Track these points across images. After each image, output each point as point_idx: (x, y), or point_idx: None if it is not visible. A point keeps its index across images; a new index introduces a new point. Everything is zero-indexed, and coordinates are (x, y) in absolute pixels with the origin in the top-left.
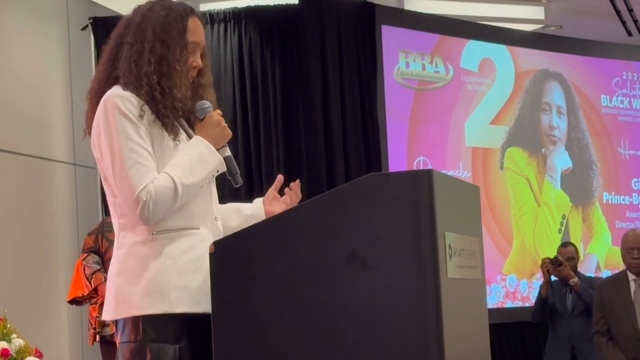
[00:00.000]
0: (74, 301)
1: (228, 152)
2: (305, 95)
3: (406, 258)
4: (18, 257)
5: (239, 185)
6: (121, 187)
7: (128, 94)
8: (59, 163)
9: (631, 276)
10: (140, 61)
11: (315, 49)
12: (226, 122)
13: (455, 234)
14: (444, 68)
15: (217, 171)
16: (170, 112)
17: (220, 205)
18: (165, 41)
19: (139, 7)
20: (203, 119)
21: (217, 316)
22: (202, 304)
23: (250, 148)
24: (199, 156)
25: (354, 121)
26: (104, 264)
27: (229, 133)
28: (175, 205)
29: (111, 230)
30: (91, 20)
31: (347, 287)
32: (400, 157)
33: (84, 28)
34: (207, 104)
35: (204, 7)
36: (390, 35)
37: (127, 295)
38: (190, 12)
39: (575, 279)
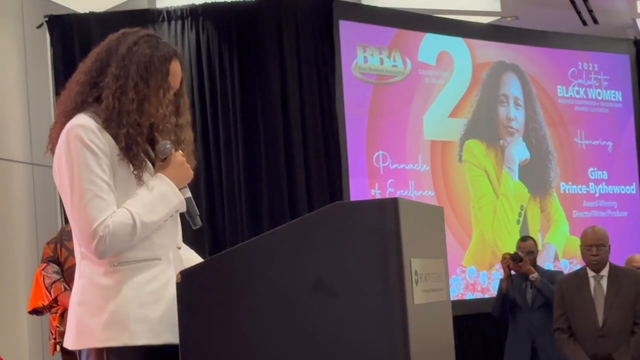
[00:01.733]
0: (35, 311)
1: (188, 194)
2: (264, 91)
3: (373, 286)
4: None
5: (197, 227)
6: (79, 219)
7: (93, 125)
8: (15, 163)
9: (591, 273)
10: (123, 98)
11: (274, 45)
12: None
13: (421, 259)
14: (401, 62)
15: (177, 211)
16: (143, 152)
17: (189, 251)
18: (148, 81)
19: (125, 35)
20: (165, 159)
21: (185, 345)
22: (164, 335)
23: (210, 145)
24: (160, 194)
25: (313, 116)
26: (64, 273)
27: (191, 174)
28: (132, 243)
29: (70, 239)
30: (46, 19)
31: (315, 315)
32: (359, 152)
33: (39, 26)
34: (168, 144)
35: (160, 4)
36: (348, 30)
37: (88, 326)
38: (174, 54)
39: (535, 275)
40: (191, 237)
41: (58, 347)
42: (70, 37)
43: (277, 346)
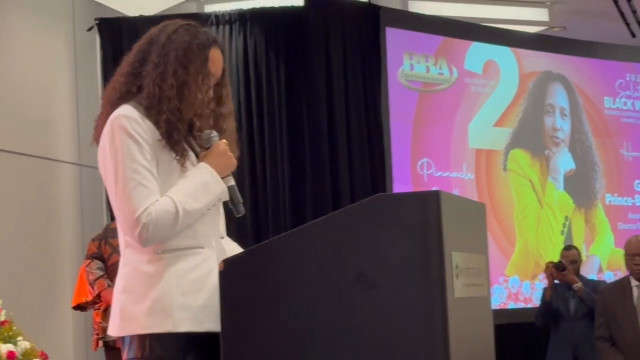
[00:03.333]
0: (78, 307)
1: (232, 182)
2: (309, 96)
3: (414, 279)
4: (24, 260)
5: (240, 215)
6: (122, 207)
7: (136, 114)
8: (64, 163)
9: (634, 282)
10: (163, 84)
11: (320, 51)
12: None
13: (462, 253)
14: (448, 70)
15: (220, 199)
16: (184, 138)
17: (231, 243)
18: (188, 68)
19: (165, 26)
20: (208, 147)
21: (226, 334)
22: (206, 323)
23: (255, 149)
24: (203, 183)
25: (358, 122)
26: (107, 269)
27: (234, 163)
28: (175, 230)
29: (114, 236)
30: (97, 22)
31: (356, 307)
32: (404, 159)
33: (90, 29)
34: (213, 133)
35: (209, 9)
36: (394, 37)
37: (132, 313)
38: (213, 41)
39: (579, 284)
40: (235, 231)
41: (100, 343)
42: (119, 40)
43: (318, 337)
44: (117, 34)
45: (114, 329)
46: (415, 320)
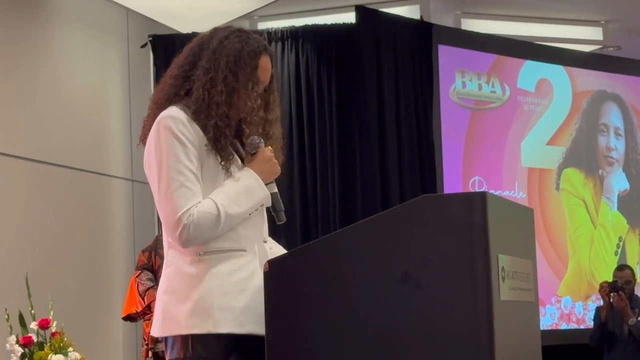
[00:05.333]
0: (128, 318)
1: (275, 189)
2: (361, 113)
3: (459, 280)
4: (75, 272)
5: (281, 223)
6: (165, 208)
7: (183, 116)
8: (116, 179)
9: None
10: (212, 90)
11: (372, 68)
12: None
13: (509, 256)
14: (500, 88)
15: (262, 205)
16: (231, 145)
17: (276, 245)
18: (238, 75)
19: (217, 31)
20: (254, 153)
21: (271, 335)
22: (247, 325)
23: (306, 166)
24: (246, 188)
25: (410, 140)
26: (157, 280)
27: (278, 170)
28: (216, 233)
29: None
30: (150, 38)
31: (401, 307)
32: (455, 177)
33: (144, 46)
34: (258, 139)
35: (261, 26)
36: (446, 55)
37: (173, 314)
38: (264, 49)
39: (633, 320)
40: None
41: (150, 354)
42: (172, 56)
43: (363, 337)
44: (170, 50)
45: (156, 330)
46: (460, 321)
